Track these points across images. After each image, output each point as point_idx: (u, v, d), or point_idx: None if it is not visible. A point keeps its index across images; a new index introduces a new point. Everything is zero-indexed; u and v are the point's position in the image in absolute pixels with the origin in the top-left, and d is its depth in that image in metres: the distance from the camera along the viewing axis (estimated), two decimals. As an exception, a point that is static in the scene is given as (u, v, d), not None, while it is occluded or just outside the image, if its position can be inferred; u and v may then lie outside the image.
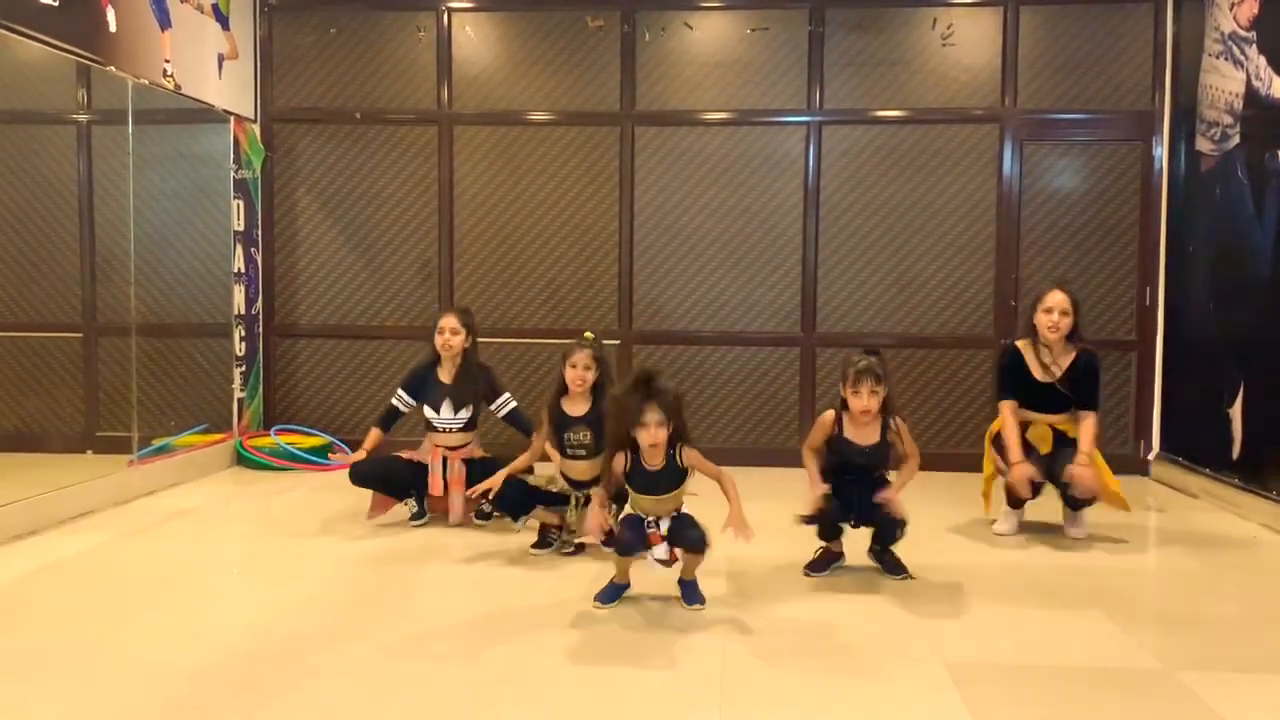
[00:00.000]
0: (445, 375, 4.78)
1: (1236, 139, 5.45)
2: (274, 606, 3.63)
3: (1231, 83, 5.48)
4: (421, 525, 4.70)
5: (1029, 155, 6.41)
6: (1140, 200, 6.36)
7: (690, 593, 3.59)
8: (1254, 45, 5.26)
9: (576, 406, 4.23)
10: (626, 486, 3.59)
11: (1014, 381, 4.68)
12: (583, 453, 4.21)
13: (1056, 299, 4.59)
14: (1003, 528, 4.73)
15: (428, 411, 4.77)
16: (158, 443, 5.84)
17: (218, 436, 6.30)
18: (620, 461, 3.57)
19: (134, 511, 5.11)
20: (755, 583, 3.87)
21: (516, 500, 4.28)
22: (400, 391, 4.86)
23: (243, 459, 6.30)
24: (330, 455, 6.40)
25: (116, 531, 4.69)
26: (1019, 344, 4.73)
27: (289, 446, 6.24)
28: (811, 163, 6.50)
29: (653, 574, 3.61)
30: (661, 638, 3.29)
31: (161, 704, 2.73)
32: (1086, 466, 4.45)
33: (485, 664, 3.05)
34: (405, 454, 4.83)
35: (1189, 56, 6.01)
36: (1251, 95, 5.29)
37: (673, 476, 3.55)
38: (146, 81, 5.45)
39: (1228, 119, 5.54)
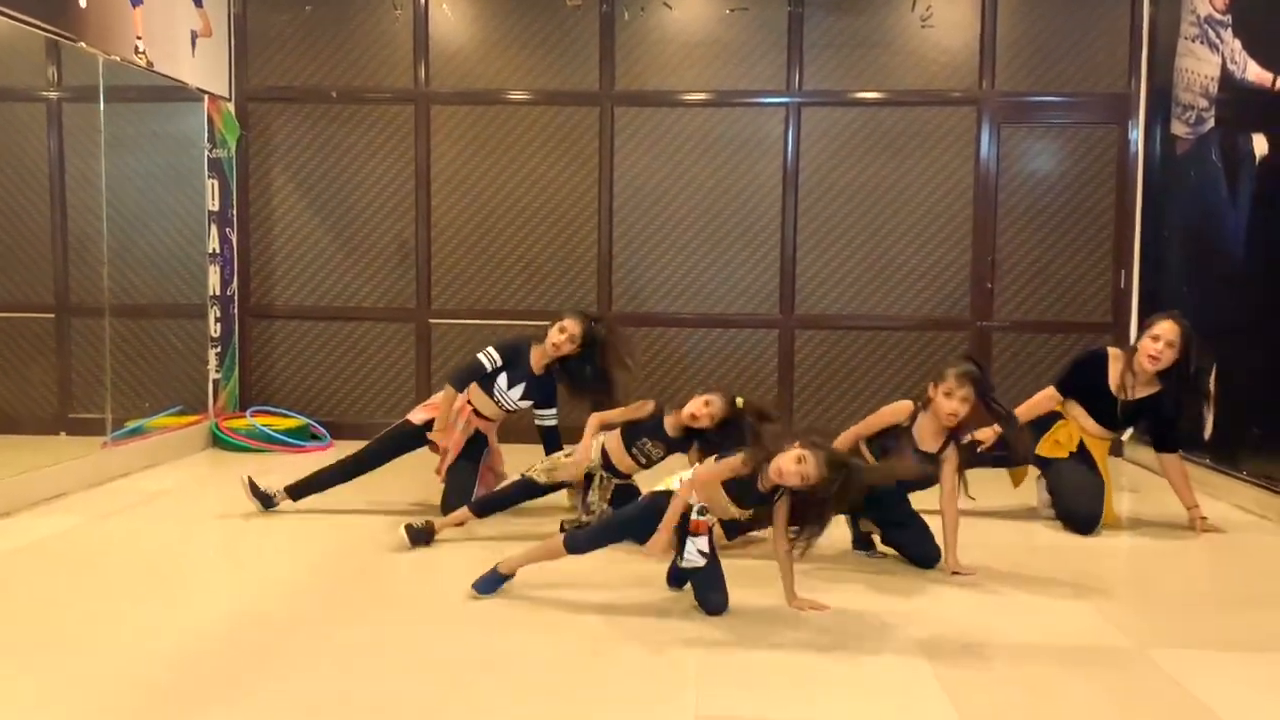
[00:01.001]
0: (535, 362, 4.63)
1: (1211, 122, 5.49)
2: (252, 590, 3.61)
3: (1207, 66, 5.51)
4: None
5: (1006, 138, 6.43)
6: (1116, 183, 6.40)
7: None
8: (1229, 29, 5.29)
9: (674, 427, 4.13)
10: (699, 466, 3.44)
11: (1083, 380, 4.55)
12: (644, 461, 4.20)
13: (1167, 329, 4.35)
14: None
15: (499, 379, 4.61)
16: (132, 424, 5.79)
17: (193, 418, 6.25)
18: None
19: (108, 494, 5.07)
20: (730, 565, 3.89)
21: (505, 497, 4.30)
22: (492, 350, 4.63)
23: (218, 441, 6.26)
24: (313, 437, 6.37)
25: (90, 514, 4.66)
26: (1111, 350, 4.61)
27: (265, 428, 6.21)
28: (790, 144, 6.50)
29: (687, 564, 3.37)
30: (638, 622, 3.30)
31: (141, 688, 2.72)
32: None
33: (465, 647, 3.05)
34: (423, 418, 4.64)
35: (1165, 40, 6.04)
36: (1227, 79, 5.32)
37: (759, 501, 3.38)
38: (118, 58, 5.38)
39: (1203, 102, 5.57)
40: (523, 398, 4.64)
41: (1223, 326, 5.33)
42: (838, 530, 4.05)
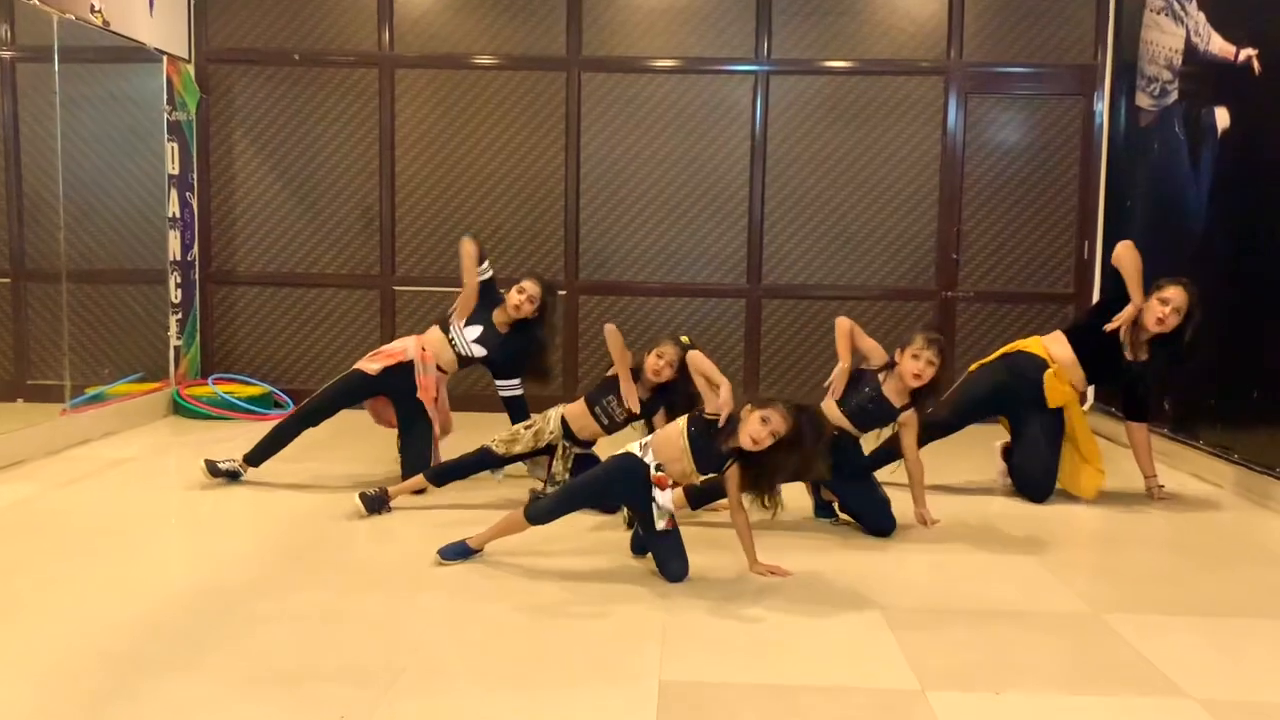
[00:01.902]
0: (502, 319, 4.59)
1: (1175, 95, 5.52)
2: (212, 558, 3.59)
3: (1171, 39, 5.53)
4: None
5: (973, 108, 6.44)
6: (1081, 154, 6.43)
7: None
8: (1194, 2, 5.31)
9: (644, 388, 4.13)
10: (659, 431, 3.53)
11: (1093, 320, 4.54)
12: (606, 423, 4.18)
13: (1176, 294, 4.33)
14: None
15: (457, 321, 4.59)
16: (91, 391, 5.71)
17: (153, 385, 6.17)
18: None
19: (67, 461, 5.01)
20: (694, 532, 3.91)
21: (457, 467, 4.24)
22: (485, 265, 4.63)
23: (180, 408, 6.19)
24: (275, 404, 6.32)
25: (49, 482, 4.60)
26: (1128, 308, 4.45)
27: (227, 396, 6.15)
28: (759, 113, 6.48)
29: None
30: (601, 588, 3.31)
31: (97, 656, 2.70)
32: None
33: (425, 613, 3.05)
34: (375, 368, 4.53)
35: (1131, 12, 6.06)
36: (1190, 51, 5.35)
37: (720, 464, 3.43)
38: (73, 17, 5.25)
39: (1167, 75, 5.60)
40: (476, 341, 4.57)
41: (1183, 298, 5.40)
42: (801, 499, 4.09)
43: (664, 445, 3.42)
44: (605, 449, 3.89)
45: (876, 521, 3.96)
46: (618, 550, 3.61)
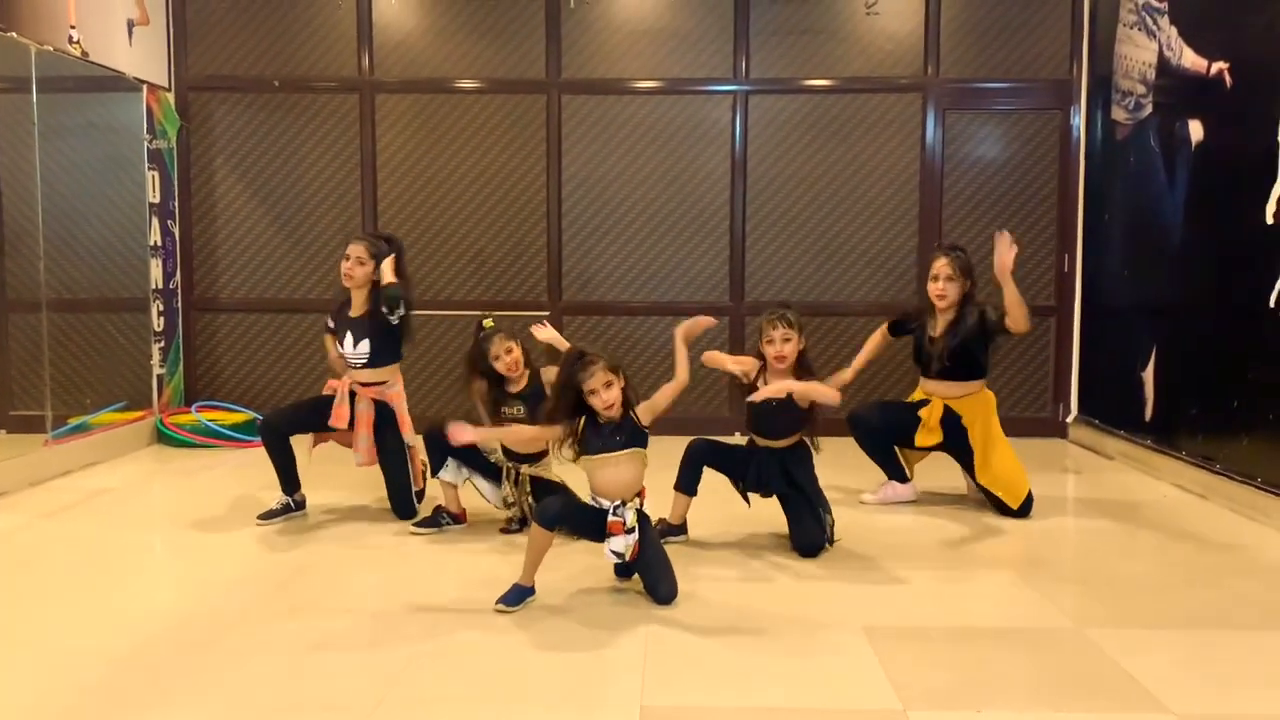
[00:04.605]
0: (355, 308, 4.48)
1: (1150, 108, 5.57)
2: (195, 588, 3.57)
3: (1145, 53, 5.59)
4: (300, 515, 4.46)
5: (951, 124, 6.49)
6: (1059, 168, 6.48)
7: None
8: (1166, 16, 5.37)
9: (514, 383, 4.22)
10: (583, 457, 3.44)
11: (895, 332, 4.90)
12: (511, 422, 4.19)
13: (939, 265, 4.57)
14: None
15: (337, 347, 4.52)
16: (75, 421, 5.69)
17: (137, 414, 6.15)
18: (566, 431, 3.41)
19: (49, 491, 4.98)
20: (676, 547, 3.91)
21: (437, 443, 4.12)
22: (328, 319, 4.61)
23: (164, 437, 6.17)
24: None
25: (31, 513, 4.57)
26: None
27: (211, 423, 6.13)
28: (738, 132, 6.51)
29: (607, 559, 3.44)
30: (585, 613, 3.31)
31: (74, 689, 2.68)
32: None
33: (405, 641, 3.03)
34: (328, 388, 4.52)
35: (1105, 26, 6.12)
36: (1163, 65, 5.40)
37: (631, 433, 3.41)
38: (51, 48, 5.25)
39: (1141, 88, 5.65)
40: (357, 344, 4.41)
41: (1161, 308, 5.44)
42: (778, 516, 4.05)
43: (601, 473, 3.40)
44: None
45: (796, 534, 3.89)
46: (603, 573, 3.59)
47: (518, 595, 3.32)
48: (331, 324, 4.59)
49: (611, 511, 3.36)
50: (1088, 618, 3.25)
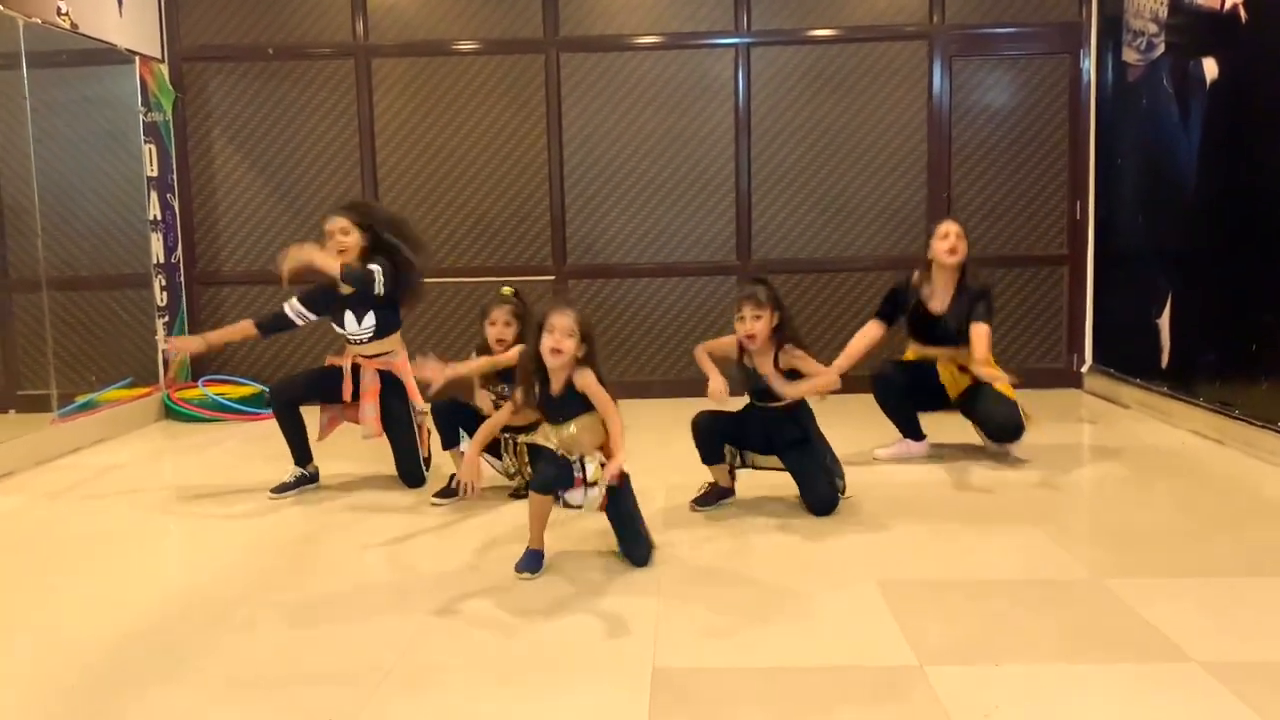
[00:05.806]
0: (344, 286, 4.32)
1: (1162, 48, 5.43)
2: (206, 561, 3.55)
3: (1156, -10, 5.44)
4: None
5: (958, 71, 6.35)
6: (1069, 113, 6.34)
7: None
8: (1178, -49, 5.22)
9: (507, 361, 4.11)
10: (543, 425, 3.39)
11: (890, 307, 4.81)
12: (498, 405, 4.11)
13: (949, 225, 4.58)
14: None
15: (336, 329, 4.45)
16: (82, 399, 5.66)
17: (144, 390, 6.12)
18: (527, 395, 3.37)
19: (58, 470, 4.97)
20: (683, 513, 3.86)
21: (448, 417, 4.09)
22: (294, 300, 4.38)
23: (171, 412, 6.14)
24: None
25: (38, 492, 4.55)
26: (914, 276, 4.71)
27: (219, 397, 6.10)
28: (741, 86, 6.39)
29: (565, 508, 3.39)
30: (594, 577, 3.27)
31: (79, 671, 2.65)
32: None
33: (411, 612, 3.00)
34: (329, 360, 4.49)
35: (1115, -35, 5.97)
36: (1176, 2, 5.26)
37: (570, 402, 3.31)
38: (39, 21, 5.17)
39: (1153, 28, 5.51)
40: (361, 321, 4.32)
41: (1176, 254, 5.33)
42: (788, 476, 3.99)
43: (558, 436, 3.34)
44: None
45: (806, 493, 3.85)
46: (604, 539, 3.55)
47: (533, 560, 3.29)
48: (303, 303, 4.39)
49: (575, 466, 3.30)
50: (1106, 568, 3.19)
